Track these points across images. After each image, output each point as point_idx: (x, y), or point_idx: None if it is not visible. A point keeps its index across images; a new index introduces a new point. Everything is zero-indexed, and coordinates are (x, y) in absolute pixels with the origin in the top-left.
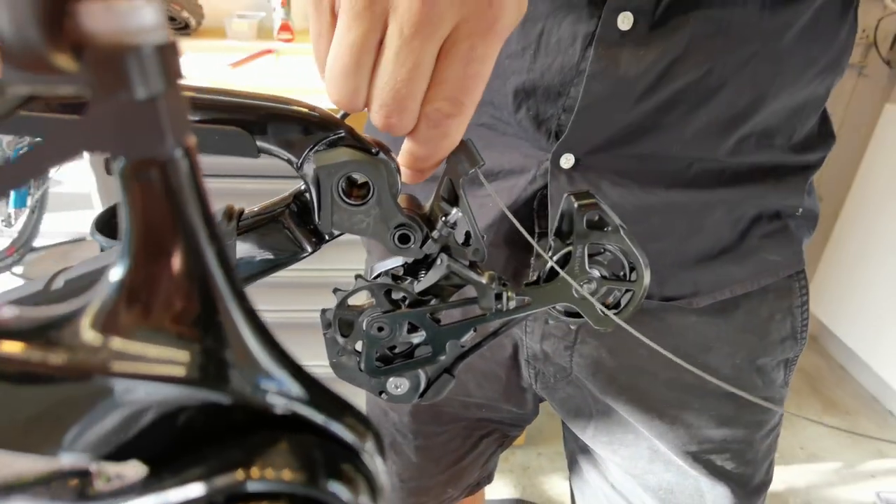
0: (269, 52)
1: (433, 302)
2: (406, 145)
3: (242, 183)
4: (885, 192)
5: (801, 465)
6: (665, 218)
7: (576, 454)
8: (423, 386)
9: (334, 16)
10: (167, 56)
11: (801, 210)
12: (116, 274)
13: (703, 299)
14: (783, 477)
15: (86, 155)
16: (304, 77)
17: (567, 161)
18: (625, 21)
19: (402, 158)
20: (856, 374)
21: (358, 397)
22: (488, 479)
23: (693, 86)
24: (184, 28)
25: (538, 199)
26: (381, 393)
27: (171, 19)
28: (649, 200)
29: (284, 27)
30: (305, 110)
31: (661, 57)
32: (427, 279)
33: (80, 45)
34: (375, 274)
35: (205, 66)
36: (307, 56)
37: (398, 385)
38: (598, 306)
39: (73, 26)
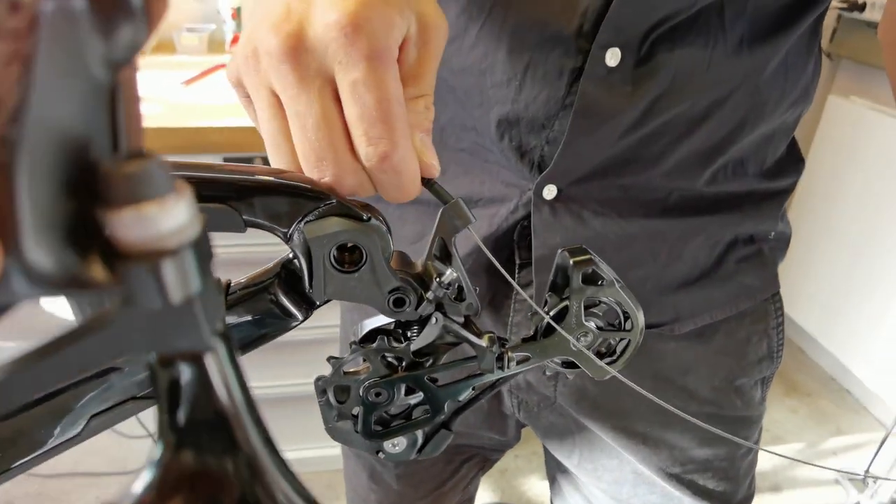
0: (222, 66)
1: (428, 360)
2: (380, 193)
3: None
4: (833, 180)
5: (767, 446)
6: (646, 246)
7: (558, 478)
8: (420, 442)
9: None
10: (202, 250)
11: (773, 234)
12: (151, 467)
13: (684, 325)
14: None
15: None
16: None
17: (550, 192)
18: (612, 57)
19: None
20: (814, 357)
21: None
22: (469, 501)
23: (676, 120)
24: None
25: (518, 230)
26: (377, 452)
27: None
28: (631, 229)
29: (237, 40)
30: (293, 182)
31: (647, 93)
32: (422, 338)
33: (112, 256)
34: (365, 332)
35: (157, 85)
36: None
37: (395, 444)
38: (599, 362)
39: (104, 237)
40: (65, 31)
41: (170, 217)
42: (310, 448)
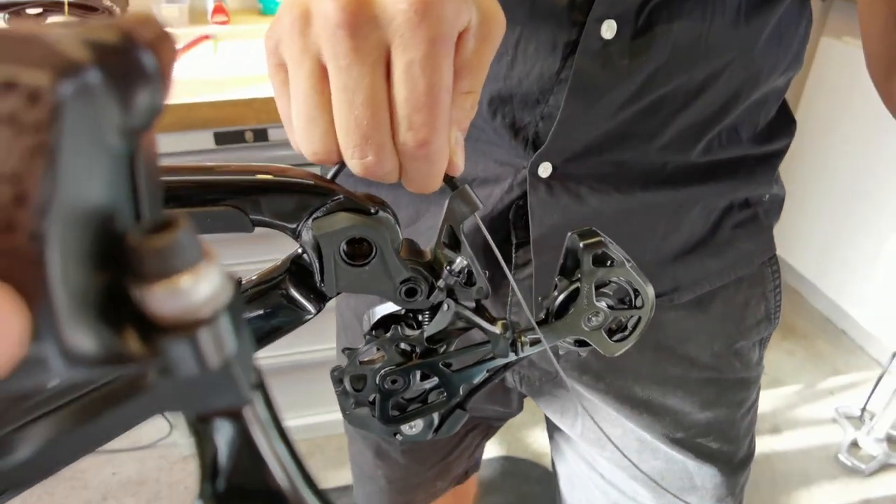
0: (205, 38)
1: (442, 346)
2: (403, 180)
3: None
4: (826, 123)
5: (765, 390)
6: (644, 219)
7: (562, 447)
8: (436, 423)
9: (285, 71)
10: (236, 311)
11: (767, 196)
12: None
13: (684, 294)
14: None
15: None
16: (245, 64)
17: (545, 170)
18: (608, 30)
19: (406, 187)
20: (810, 300)
21: None
22: (475, 467)
23: (673, 93)
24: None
25: (514, 210)
26: (395, 434)
27: (92, 9)
28: (628, 203)
29: (218, 9)
30: (298, 180)
31: (644, 66)
32: (434, 325)
33: (146, 327)
34: (377, 318)
35: None
36: (247, 40)
37: (412, 426)
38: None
39: (136, 309)
40: (85, 111)
41: (203, 286)
42: (321, 413)
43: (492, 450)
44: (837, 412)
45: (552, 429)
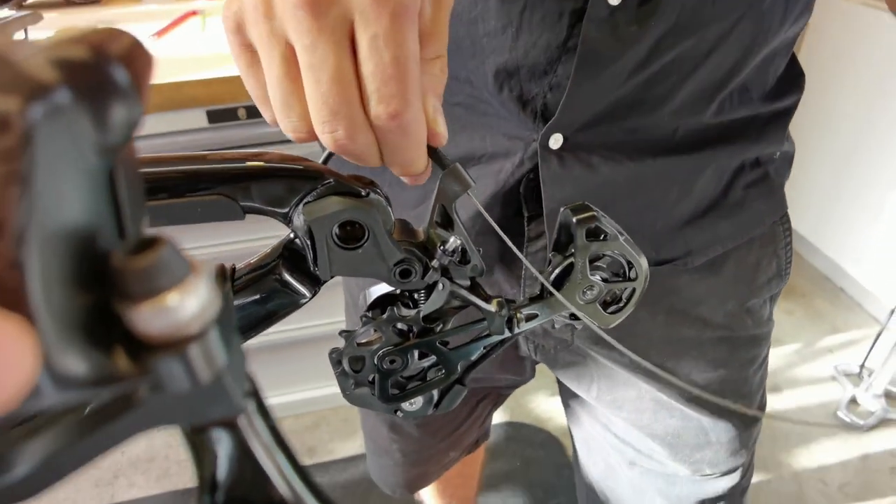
0: (193, 13)
1: (438, 324)
2: (386, 160)
3: None
4: (825, 80)
5: None
6: (657, 185)
7: (575, 408)
8: (436, 398)
9: (252, 51)
10: (226, 323)
11: (778, 154)
12: None
13: (697, 258)
14: None
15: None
16: None
17: (556, 141)
18: None
19: (394, 171)
20: (808, 258)
21: None
22: (485, 436)
23: (682, 56)
24: None
25: (525, 184)
26: (396, 411)
27: None
28: (641, 171)
29: None
30: (287, 165)
31: (652, 31)
32: (430, 304)
33: (135, 346)
34: (373, 298)
35: None
36: None
37: (412, 403)
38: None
39: (124, 328)
40: (58, 133)
41: (190, 302)
42: (325, 386)
43: (495, 416)
44: (836, 370)
45: (567, 395)
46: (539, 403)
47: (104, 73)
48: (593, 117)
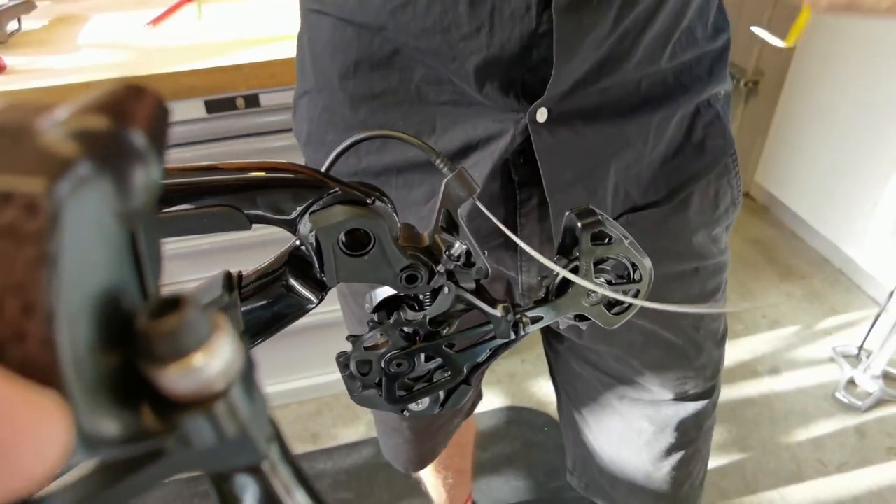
0: (188, 1)
1: (444, 327)
2: None
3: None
4: (824, 61)
5: (764, 332)
6: (637, 138)
7: (564, 355)
8: (442, 398)
9: None
10: (249, 378)
11: (723, 93)
12: None
13: (675, 198)
14: (750, 347)
15: None
16: (232, 28)
17: (542, 115)
18: None
19: None
20: (807, 240)
21: None
22: (480, 396)
23: (640, 14)
24: None
25: (513, 155)
26: (402, 411)
27: None
28: (620, 128)
29: None
30: (293, 175)
31: (614, 1)
32: (435, 308)
33: (161, 403)
34: (378, 301)
35: (118, 29)
36: (232, 2)
37: (419, 403)
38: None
39: (150, 387)
40: (83, 207)
41: (216, 361)
42: (328, 373)
43: (496, 400)
44: (835, 351)
45: (555, 342)
46: (540, 387)
47: (124, 140)
48: (570, 86)
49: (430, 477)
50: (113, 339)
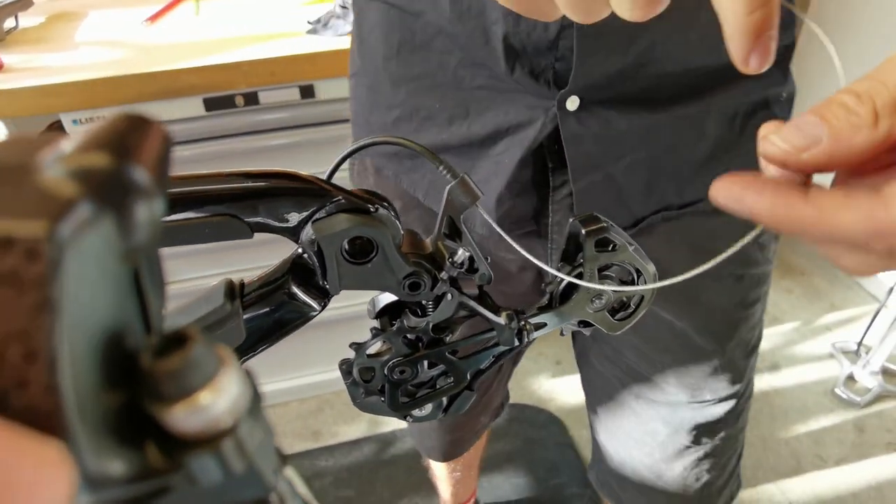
0: None
1: (447, 333)
2: None
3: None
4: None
5: (764, 329)
6: (672, 132)
7: (585, 352)
8: (445, 404)
9: None
10: (256, 411)
11: (784, 95)
12: None
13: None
14: None
15: None
16: (231, 25)
17: (573, 104)
18: None
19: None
20: None
21: None
22: (507, 397)
23: (679, 5)
24: None
25: (548, 142)
26: (406, 417)
27: None
28: (654, 120)
29: None
30: (295, 184)
31: None
32: (438, 314)
33: (167, 442)
34: (381, 306)
35: (115, 26)
36: None
37: (422, 409)
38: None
39: (155, 425)
40: (84, 249)
41: (223, 398)
42: (329, 371)
43: None
44: (834, 347)
45: (576, 334)
46: (541, 385)
47: (126, 178)
48: (606, 79)
49: (440, 469)
50: (117, 379)
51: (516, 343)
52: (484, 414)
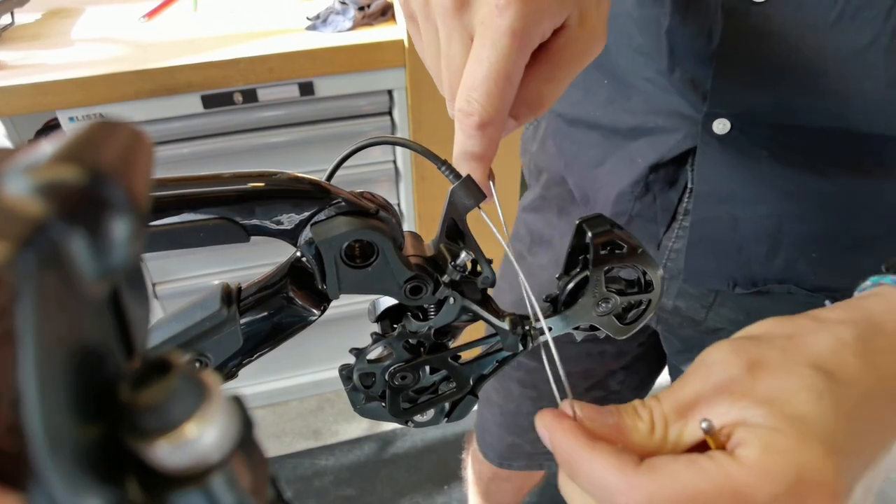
0: None
1: (449, 338)
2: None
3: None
4: None
5: None
6: (826, 199)
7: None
8: (447, 409)
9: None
10: (248, 441)
11: None
12: None
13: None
14: None
15: None
16: (229, 21)
17: (722, 126)
18: None
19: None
20: None
21: None
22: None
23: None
24: None
25: (691, 158)
26: (407, 422)
27: None
28: (806, 178)
29: None
30: (292, 186)
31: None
32: (441, 318)
33: (150, 478)
34: (382, 310)
35: (112, 23)
36: None
37: (424, 414)
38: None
39: (136, 460)
40: (53, 273)
41: (210, 431)
42: (329, 369)
43: None
44: None
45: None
46: None
47: (99, 194)
48: (763, 106)
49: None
50: (94, 411)
51: (520, 348)
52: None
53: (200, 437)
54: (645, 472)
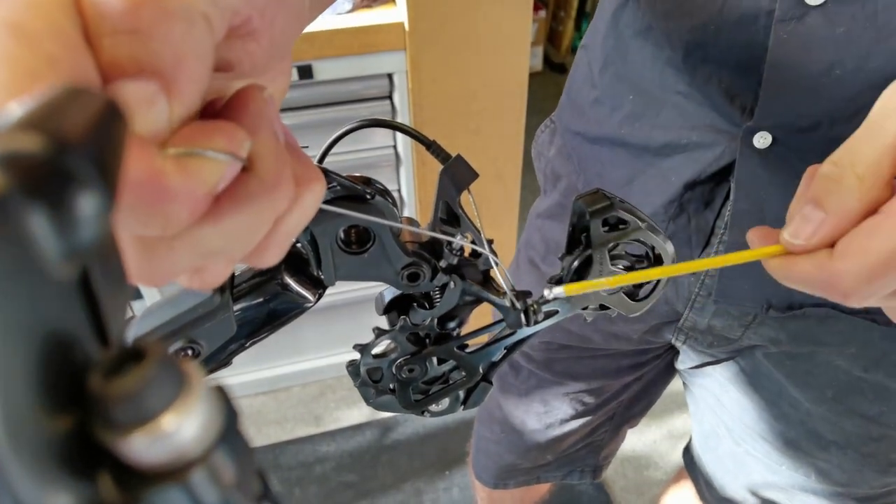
0: None
1: (455, 323)
2: None
3: None
4: None
5: None
6: None
7: (692, 377)
8: (462, 397)
9: None
10: (232, 433)
11: None
12: None
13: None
14: None
15: None
16: None
17: (762, 141)
18: None
19: None
20: None
21: None
22: (600, 465)
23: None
24: None
25: (725, 170)
26: (423, 413)
27: None
28: None
29: None
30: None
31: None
32: (443, 304)
33: (125, 474)
34: (387, 301)
35: None
36: None
37: (439, 403)
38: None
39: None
40: (12, 252)
41: (190, 423)
42: (330, 355)
43: None
44: None
45: (689, 380)
46: None
47: (63, 165)
48: (808, 123)
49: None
50: (61, 401)
51: (524, 324)
52: (550, 451)
53: (179, 430)
54: (838, 258)
